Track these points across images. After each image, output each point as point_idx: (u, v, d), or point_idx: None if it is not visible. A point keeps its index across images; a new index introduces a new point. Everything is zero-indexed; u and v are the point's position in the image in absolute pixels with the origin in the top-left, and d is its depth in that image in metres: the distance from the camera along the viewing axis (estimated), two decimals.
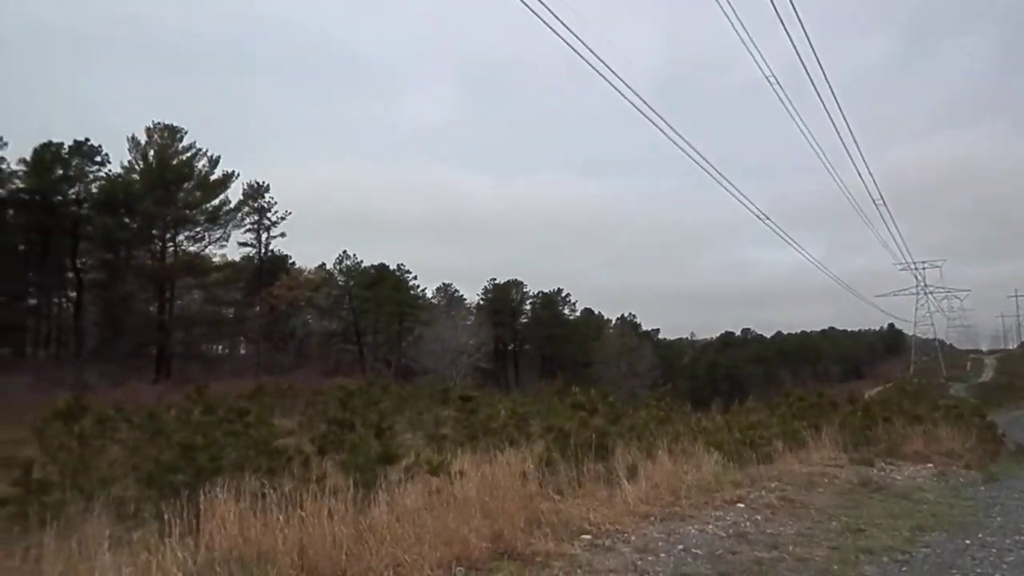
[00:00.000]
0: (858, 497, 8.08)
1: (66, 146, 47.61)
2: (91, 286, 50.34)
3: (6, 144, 46.01)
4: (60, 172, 47.83)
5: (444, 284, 71.62)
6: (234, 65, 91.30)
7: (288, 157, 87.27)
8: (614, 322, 79.82)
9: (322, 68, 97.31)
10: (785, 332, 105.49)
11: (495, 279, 72.23)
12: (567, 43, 8.24)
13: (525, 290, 73.74)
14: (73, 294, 50.28)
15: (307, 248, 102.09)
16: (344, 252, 60.74)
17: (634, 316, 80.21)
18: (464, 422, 12.90)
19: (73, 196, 48.60)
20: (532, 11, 7.35)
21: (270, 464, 6.74)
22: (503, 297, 71.86)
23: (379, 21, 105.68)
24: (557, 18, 7.78)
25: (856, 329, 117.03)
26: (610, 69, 9.20)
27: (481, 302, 71.59)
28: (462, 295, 72.22)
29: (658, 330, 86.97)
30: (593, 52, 8.72)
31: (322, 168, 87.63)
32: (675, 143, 11.76)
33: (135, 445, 12.95)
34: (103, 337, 48.98)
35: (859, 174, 55.26)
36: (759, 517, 6.79)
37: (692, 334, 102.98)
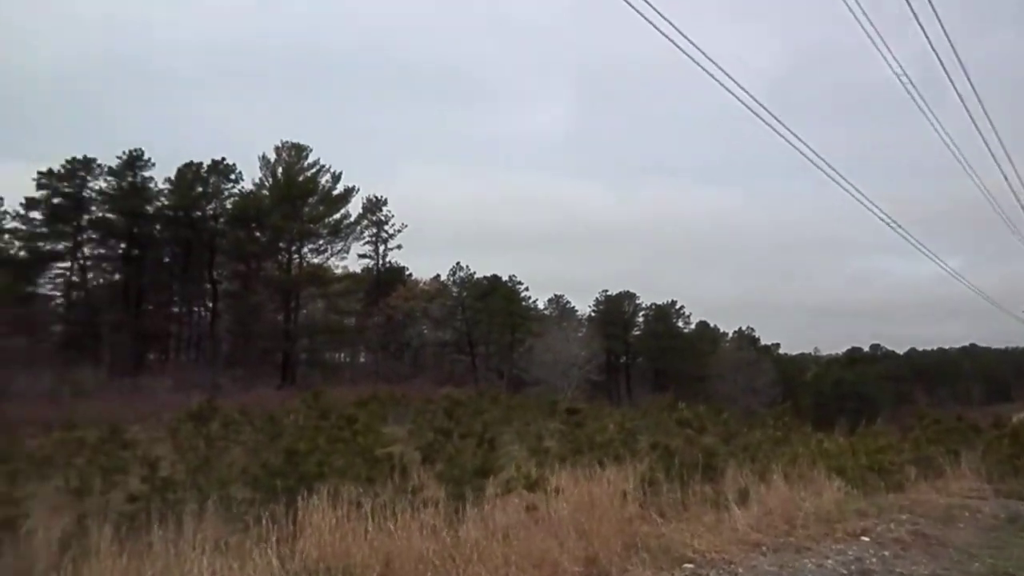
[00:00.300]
0: (1005, 535, 7.20)
1: (205, 165, 51.50)
2: (225, 296, 53.98)
3: (154, 164, 50.43)
4: (199, 190, 51.74)
5: (556, 295, 71.60)
6: (355, 82, 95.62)
7: (405, 172, 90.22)
8: (730, 335, 77.06)
9: (438, 84, 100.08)
10: (920, 349, 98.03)
11: (607, 290, 71.48)
12: (678, 46, 7.90)
13: (638, 302, 72.49)
14: (210, 303, 54.06)
15: (422, 260, 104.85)
16: (457, 263, 61.98)
17: (752, 329, 77.04)
18: (569, 435, 12.69)
19: (211, 212, 52.47)
20: (642, 15, 7.09)
21: (369, 473, 6.80)
22: (615, 309, 70.91)
23: (494, 36, 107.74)
24: (666, 19, 7.48)
25: (1002, 347, 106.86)
26: (724, 72, 8.74)
27: (593, 314, 70.96)
28: (574, 306, 71.91)
29: (778, 344, 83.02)
30: (705, 54, 8.32)
31: (437, 182, 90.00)
32: (796, 148, 11.05)
33: (254, 447, 13.62)
34: (236, 344, 52.33)
35: (1004, 176, 49.97)
36: (887, 553, 6.16)
37: (816, 349, 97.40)
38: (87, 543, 4.68)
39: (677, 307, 73.96)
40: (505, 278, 63.19)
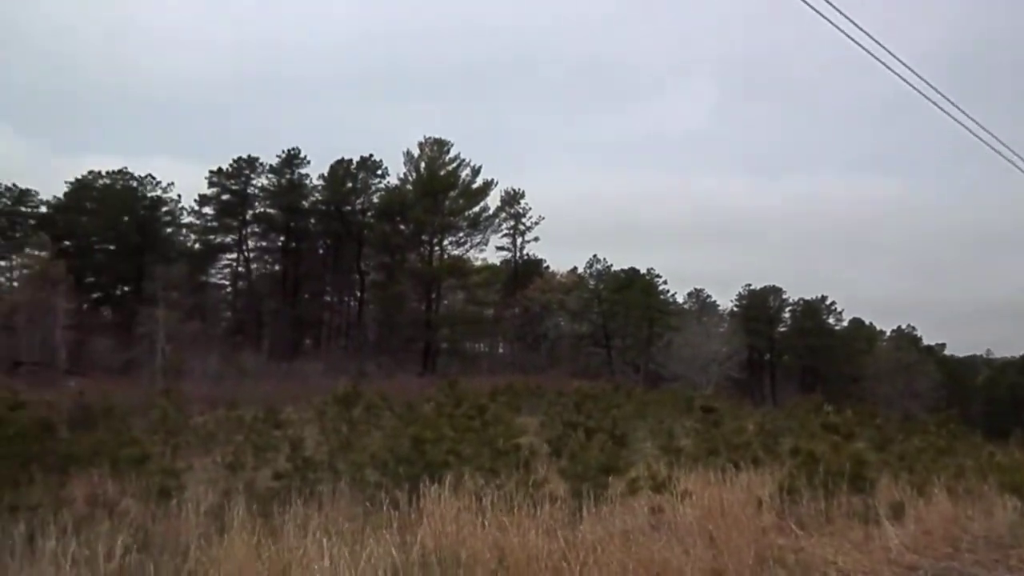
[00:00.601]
0: None
1: (354, 162, 54.26)
2: (372, 286, 56.72)
3: (309, 162, 53.81)
4: (349, 185, 54.62)
5: (696, 289, 69.28)
6: (494, 80, 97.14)
7: (543, 164, 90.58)
8: (888, 334, 71.38)
9: (575, 79, 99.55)
10: None
11: (750, 285, 68.35)
12: (836, 26, 7.20)
13: (784, 297, 68.79)
14: (358, 293, 57.03)
15: (560, 252, 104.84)
16: (594, 256, 61.54)
17: (913, 328, 70.93)
18: (704, 435, 12.18)
19: (359, 206, 55.30)
20: None
21: (494, 464, 6.78)
22: (759, 304, 67.63)
23: (632, 27, 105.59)
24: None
25: None
26: (888, 51, 7.92)
27: (735, 308, 68.14)
28: (715, 301, 69.37)
29: (943, 345, 75.92)
30: (866, 32, 7.55)
31: (576, 174, 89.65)
32: (972, 132, 9.88)
33: (391, 433, 14.14)
34: (381, 332, 54.89)
35: None
36: None
37: (988, 351, 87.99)
38: (224, 518, 4.94)
39: (828, 303, 69.43)
40: (643, 271, 61.98)
